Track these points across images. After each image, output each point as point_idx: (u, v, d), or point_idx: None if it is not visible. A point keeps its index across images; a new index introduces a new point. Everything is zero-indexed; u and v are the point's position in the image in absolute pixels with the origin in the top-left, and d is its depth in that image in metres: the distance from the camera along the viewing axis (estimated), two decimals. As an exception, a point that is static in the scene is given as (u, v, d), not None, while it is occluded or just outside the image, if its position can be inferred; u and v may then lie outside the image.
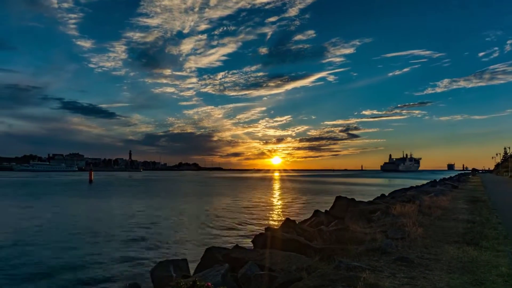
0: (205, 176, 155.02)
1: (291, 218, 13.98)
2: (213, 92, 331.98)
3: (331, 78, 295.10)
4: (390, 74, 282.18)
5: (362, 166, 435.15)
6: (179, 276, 6.29)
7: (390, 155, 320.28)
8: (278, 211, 28.95)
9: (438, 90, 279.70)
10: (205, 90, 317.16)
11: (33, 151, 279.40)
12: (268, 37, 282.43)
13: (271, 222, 22.10)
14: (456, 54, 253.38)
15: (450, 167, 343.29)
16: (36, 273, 11.39)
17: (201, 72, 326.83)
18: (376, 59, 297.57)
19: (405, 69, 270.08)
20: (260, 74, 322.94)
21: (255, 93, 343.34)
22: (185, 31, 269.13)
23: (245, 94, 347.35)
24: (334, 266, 5.84)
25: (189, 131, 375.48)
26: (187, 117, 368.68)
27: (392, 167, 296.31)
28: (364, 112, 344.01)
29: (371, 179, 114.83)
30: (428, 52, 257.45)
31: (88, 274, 11.27)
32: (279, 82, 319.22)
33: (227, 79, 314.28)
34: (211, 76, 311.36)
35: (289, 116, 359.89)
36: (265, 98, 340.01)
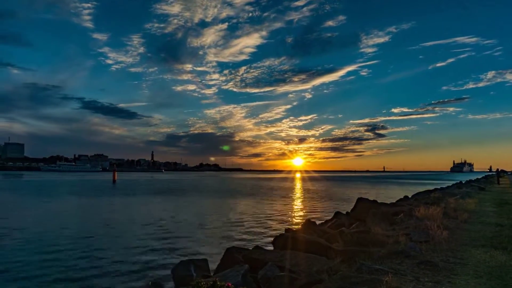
0: (225, 177, 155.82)
1: (312, 220, 13.89)
2: (235, 90, 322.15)
3: (361, 72, 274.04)
4: (431, 66, 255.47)
5: (384, 168, 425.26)
6: (199, 275, 6.34)
7: (454, 161, 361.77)
8: (298, 213, 28.77)
9: (481, 84, 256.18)
10: (227, 87, 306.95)
11: (59, 151, 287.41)
12: (295, 24, 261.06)
13: (291, 223, 21.99)
14: (509, 42, 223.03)
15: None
16: (61, 266, 11.75)
17: (223, 67, 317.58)
18: (414, 48, 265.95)
19: (450, 60, 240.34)
20: (285, 67, 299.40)
21: (279, 89, 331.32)
22: (208, 19, 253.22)
23: (269, 91, 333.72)
24: (356, 268, 5.74)
25: (209, 131, 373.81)
26: (208, 117, 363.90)
27: (458, 169, 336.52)
28: (393, 110, 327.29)
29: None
30: (475, 39, 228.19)
31: (110, 272, 11.52)
32: (305, 77, 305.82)
33: (249, 75, 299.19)
34: (233, 72, 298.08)
35: (314, 115, 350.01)
36: (290, 95, 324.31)
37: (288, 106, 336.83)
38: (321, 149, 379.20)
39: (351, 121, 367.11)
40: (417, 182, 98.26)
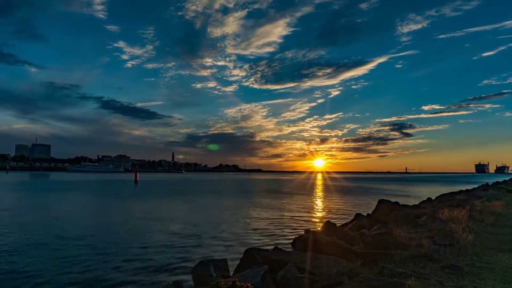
0: (245, 177, 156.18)
1: (332, 221, 13.75)
2: (256, 86, 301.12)
3: (393, 65, 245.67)
4: (476, 56, 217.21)
5: (406, 169, 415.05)
6: (219, 275, 6.38)
7: (480, 162, 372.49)
8: (318, 214, 28.54)
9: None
10: (247, 83, 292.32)
11: (83, 152, 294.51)
12: (325, 7, 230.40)
13: (311, 225, 21.83)
14: None
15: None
16: (82, 264, 12.07)
17: (244, 60, 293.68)
18: (456, 35, 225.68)
19: (501, 47, 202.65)
20: (310, 58, 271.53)
21: (302, 85, 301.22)
22: (229, 4, 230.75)
23: (292, 87, 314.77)
24: (377, 271, 5.65)
25: (229, 131, 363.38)
26: (228, 116, 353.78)
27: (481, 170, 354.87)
28: (423, 108, 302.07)
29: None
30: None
31: (130, 271, 11.74)
32: (331, 71, 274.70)
33: (271, 70, 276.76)
34: (254, 67, 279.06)
35: (340, 113, 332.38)
36: (315, 91, 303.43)
37: (313, 104, 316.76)
38: (343, 149, 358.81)
39: (376, 120, 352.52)
40: (442, 183, 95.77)
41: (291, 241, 10.96)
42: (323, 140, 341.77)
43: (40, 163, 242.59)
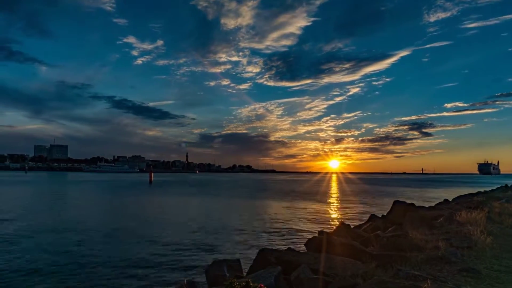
0: (259, 178, 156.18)
1: (346, 222, 13.63)
2: (271, 84, 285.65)
3: (417, 59, 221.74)
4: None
5: (422, 170, 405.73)
6: (232, 276, 6.39)
7: (486, 161, 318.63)
8: (332, 215, 28.33)
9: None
10: (262, 80, 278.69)
11: (99, 152, 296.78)
12: None
13: (325, 226, 21.68)
14: None
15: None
16: (96, 262, 12.26)
17: (259, 55, 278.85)
18: (490, 24, 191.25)
19: None
20: (330, 50, 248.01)
21: (320, 82, 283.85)
22: None
23: (308, 84, 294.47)
24: (392, 274, 5.57)
25: (243, 131, 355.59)
26: (242, 116, 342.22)
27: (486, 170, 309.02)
28: (446, 105, 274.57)
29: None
30: None
31: (145, 270, 11.87)
32: (350, 67, 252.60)
33: (287, 65, 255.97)
34: (269, 62, 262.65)
35: (358, 112, 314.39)
36: (334, 89, 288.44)
37: (330, 102, 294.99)
38: (358, 149, 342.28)
39: (395, 119, 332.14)
40: (459, 184, 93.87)
41: (304, 242, 10.90)
42: (339, 140, 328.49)
43: (58, 163, 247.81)
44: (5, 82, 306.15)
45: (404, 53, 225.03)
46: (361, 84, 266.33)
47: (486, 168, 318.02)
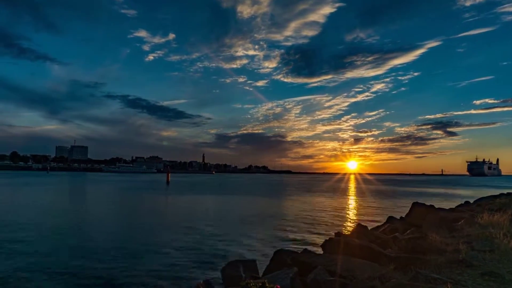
0: (276, 179, 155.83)
1: (363, 224, 13.46)
2: (289, 80, 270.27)
3: (449, 49, 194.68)
4: None
5: (442, 171, 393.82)
6: (248, 276, 6.40)
7: (477, 159, 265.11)
8: (348, 216, 28.02)
9: None
10: (279, 76, 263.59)
11: (117, 153, 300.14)
12: None
13: (342, 227, 21.46)
14: None
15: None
16: (111, 260, 12.48)
17: (277, 47, 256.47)
18: None
19: None
20: (352, 38, 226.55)
21: (341, 78, 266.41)
22: None
23: (329, 81, 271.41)
24: (411, 276, 5.47)
25: (260, 131, 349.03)
26: (259, 115, 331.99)
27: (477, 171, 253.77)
28: (475, 102, 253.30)
29: None
30: None
31: (160, 269, 12.00)
32: (373, 60, 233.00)
33: (306, 59, 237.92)
34: (287, 56, 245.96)
35: (381, 110, 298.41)
36: (357, 85, 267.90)
37: (352, 100, 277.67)
38: (377, 150, 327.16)
39: (419, 117, 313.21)
40: (480, 185, 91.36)
41: (321, 243, 10.82)
42: (357, 140, 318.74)
43: (78, 164, 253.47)
44: (19, 82, 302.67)
45: (433, 43, 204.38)
46: (386, 80, 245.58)
47: (478, 168, 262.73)
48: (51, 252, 14.24)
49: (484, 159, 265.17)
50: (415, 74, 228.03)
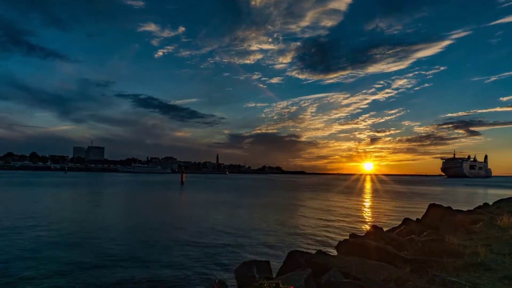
0: (290, 179, 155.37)
1: (378, 225, 13.28)
2: (305, 76, 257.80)
3: (479, 39, 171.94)
4: None
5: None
6: (262, 277, 6.40)
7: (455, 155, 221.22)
8: (363, 217, 27.71)
9: None
10: (294, 72, 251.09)
11: (133, 154, 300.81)
12: None
13: (356, 229, 21.24)
14: None
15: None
16: (125, 259, 12.65)
17: (292, 40, 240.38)
18: None
19: None
20: (373, 27, 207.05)
21: (360, 73, 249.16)
22: None
23: (346, 77, 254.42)
24: (428, 279, 5.37)
25: (274, 131, 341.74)
26: (273, 114, 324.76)
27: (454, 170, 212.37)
28: (502, 99, 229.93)
29: None
30: None
31: (174, 269, 12.10)
32: (395, 53, 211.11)
33: (323, 54, 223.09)
34: (302, 49, 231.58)
35: (401, 108, 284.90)
36: (378, 81, 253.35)
37: (371, 98, 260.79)
38: (394, 150, 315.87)
39: (440, 116, 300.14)
40: (500, 186, 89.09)
41: (335, 244, 10.73)
42: (374, 140, 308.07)
43: (95, 164, 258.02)
44: (30, 81, 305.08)
45: (462, 33, 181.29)
46: (409, 75, 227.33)
47: (454, 166, 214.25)
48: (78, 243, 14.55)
49: (469, 156, 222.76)
50: (441, 68, 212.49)
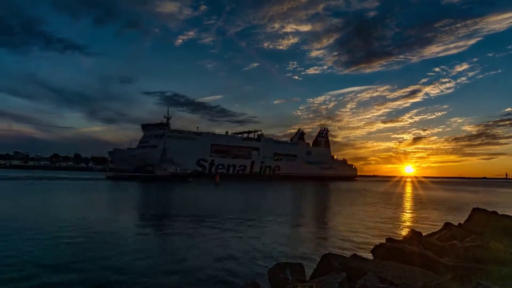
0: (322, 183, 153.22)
1: (417, 230, 12.82)
2: (346, 71, 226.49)
3: None
4: None
5: (506, 174, 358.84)
6: (295, 279, 6.36)
7: None
8: (401, 221, 26.80)
9: None
10: (334, 60, 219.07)
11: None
12: None
13: (393, 233, 20.57)
14: None
15: None
16: (161, 258, 12.96)
17: (335, 15, 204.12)
18: None
19: None
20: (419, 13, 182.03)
21: (411, 59, 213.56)
22: None
23: (391, 64, 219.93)
24: None
25: (309, 130, 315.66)
26: (309, 111, 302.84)
27: None
28: None
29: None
30: None
31: (207, 270, 12.25)
32: (454, 29, 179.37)
33: (368, 37, 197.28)
34: (343, 32, 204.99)
35: (453, 103, 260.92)
36: (432, 69, 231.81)
37: (422, 90, 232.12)
38: (438, 151, 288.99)
39: (499, 111, 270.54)
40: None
41: (370, 249, 10.45)
42: (416, 139, 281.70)
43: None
44: (52, 79, 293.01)
45: None
46: (473, 59, 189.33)
47: None
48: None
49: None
50: (500, 53, 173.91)
